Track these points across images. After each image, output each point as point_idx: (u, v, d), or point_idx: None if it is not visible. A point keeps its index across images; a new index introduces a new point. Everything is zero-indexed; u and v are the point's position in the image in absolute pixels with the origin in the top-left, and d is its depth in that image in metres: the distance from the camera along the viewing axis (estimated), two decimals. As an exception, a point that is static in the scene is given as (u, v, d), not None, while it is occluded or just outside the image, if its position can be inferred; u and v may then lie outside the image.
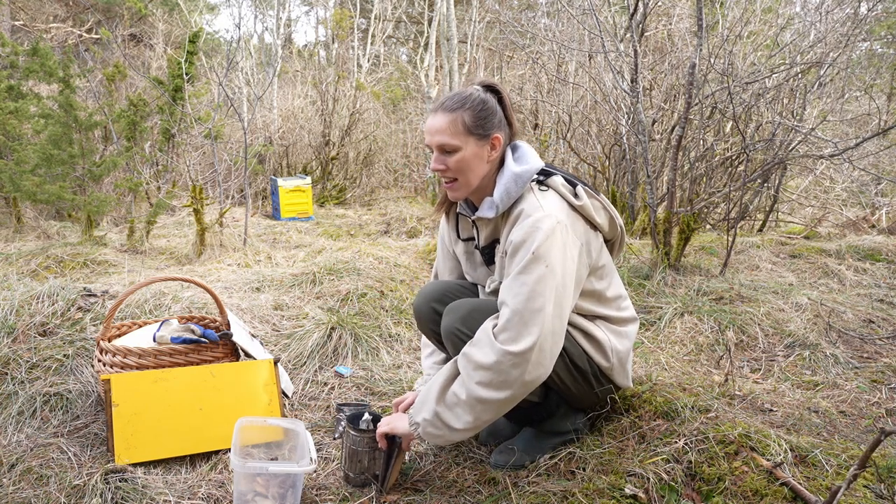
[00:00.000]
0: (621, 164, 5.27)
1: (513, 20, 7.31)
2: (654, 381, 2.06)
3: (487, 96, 1.69)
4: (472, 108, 1.66)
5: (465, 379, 1.57)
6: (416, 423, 1.64)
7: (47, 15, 13.43)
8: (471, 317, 1.69)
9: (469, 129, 1.65)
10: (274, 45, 9.19)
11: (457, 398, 1.58)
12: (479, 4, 9.36)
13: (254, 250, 4.55)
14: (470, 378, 1.56)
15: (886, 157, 5.87)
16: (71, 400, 2.12)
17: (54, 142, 4.49)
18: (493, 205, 1.69)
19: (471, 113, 1.65)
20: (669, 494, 1.56)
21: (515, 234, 1.60)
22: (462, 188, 1.70)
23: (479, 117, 1.66)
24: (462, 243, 1.91)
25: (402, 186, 8.85)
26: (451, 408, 1.59)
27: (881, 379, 2.43)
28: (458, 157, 1.66)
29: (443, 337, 1.75)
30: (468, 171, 1.68)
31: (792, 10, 5.69)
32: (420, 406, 1.65)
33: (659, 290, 3.34)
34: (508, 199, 1.67)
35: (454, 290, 1.91)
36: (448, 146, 1.65)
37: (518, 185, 1.66)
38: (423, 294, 1.93)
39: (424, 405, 1.63)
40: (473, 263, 1.90)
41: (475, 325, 1.66)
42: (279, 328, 2.84)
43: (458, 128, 1.65)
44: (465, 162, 1.66)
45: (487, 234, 1.77)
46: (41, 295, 2.60)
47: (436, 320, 1.88)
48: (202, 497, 1.69)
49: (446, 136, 1.65)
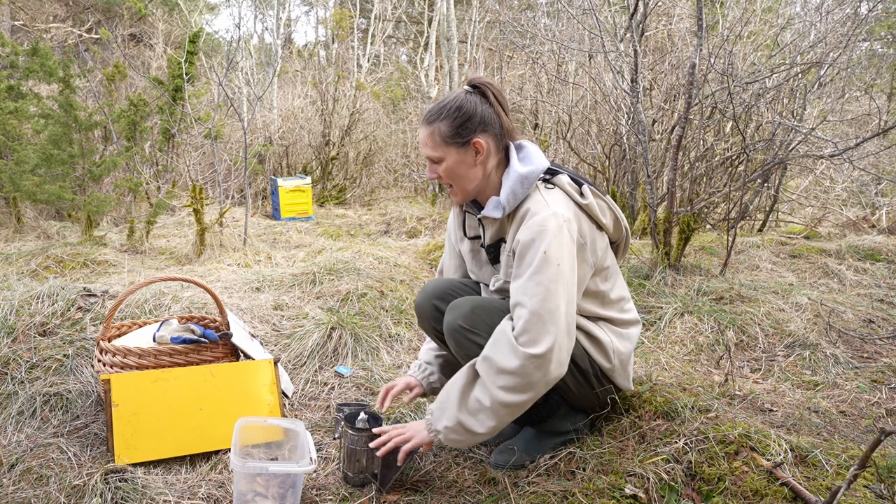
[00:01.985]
0: (621, 164, 5.27)
1: (513, 20, 7.31)
2: (654, 381, 2.06)
3: (468, 99, 1.67)
4: (448, 116, 1.66)
5: (488, 385, 1.57)
6: (436, 430, 1.63)
7: (47, 15, 13.43)
8: (474, 314, 1.69)
9: (445, 140, 1.66)
10: (274, 45, 9.19)
11: (480, 404, 1.58)
12: (479, 4, 9.36)
13: (254, 250, 4.55)
14: (493, 383, 1.56)
15: (886, 157, 5.87)
16: (71, 400, 2.12)
17: (54, 142, 4.49)
18: (500, 205, 1.69)
19: (447, 122, 1.66)
20: (669, 494, 1.56)
21: (523, 234, 1.60)
22: (460, 193, 1.74)
23: (455, 125, 1.66)
24: (468, 241, 1.92)
25: (402, 186, 8.85)
26: (475, 414, 1.59)
27: (881, 379, 2.43)
28: (444, 166, 1.69)
29: (445, 334, 1.75)
30: (458, 178, 1.70)
31: (792, 10, 5.70)
32: (439, 414, 1.64)
33: (659, 290, 3.34)
34: (515, 200, 1.67)
35: (457, 287, 1.91)
36: (432, 157, 1.69)
37: (524, 186, 1.66)
38: (425, 291, 1.93)
39: (444, 413, 1.63)
40: (479, 262, 1.90)
41: (478, 323, 1.67)
42: (279, 328, 2.84)
43: (435, 140, 1.67)
44: (451, 170, 1.69)
45: (493, 233, 1.78)
46: (41, 295, 2.60)
47: (437, 317, 1.88)
48: (202, 497, 1.69)
49: (428, 148, 1.69)
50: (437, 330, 1.90)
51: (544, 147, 6.34)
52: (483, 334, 1.67)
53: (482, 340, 1.66)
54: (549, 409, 1.81)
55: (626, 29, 4.80)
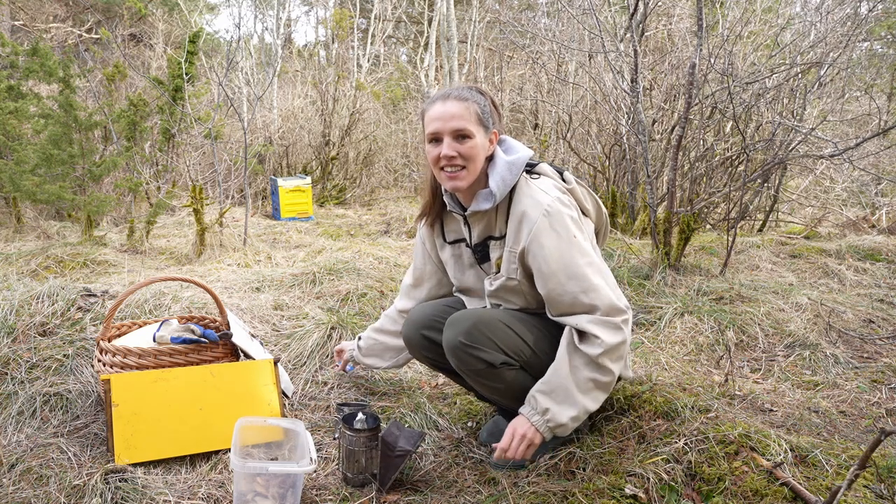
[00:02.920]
0: (621, 164, 5.27)
1: (513, 20, 7.31)
2: (654, 381, 2.06)
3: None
4: (478, 101, 1.70)
5: (599, 363, 1.61)
6: (562, 424, 1.64)
7: (47, 15, 13.43)
8: (475, 329, 1.67)
9: (479, 119, 1.69)
10: (274, 45, 9.19)
11: (594, 383, 1.63)
12: (479, 4, 9.36)
13: (254, 250, 4.55)
14: (606, 360, 1.61)
15: (886, 157, 5.87)
16: (71, 400, 2.12)
17: (54, 142, 4.49)
18: (490, 195, 1.70)
19: (478, 105, 1.69)
20: (669, 494, 1.56)
21: (534, 228, 1.63)
22: (468, 177, 1.70)
23: (484, 111, 1.70)
24: (449, 247, 1.90)
25: (402, 186, 8.85)
26: (588, 392, 1.64)
27: (881, 379, 2.43)
28: (471, 143, 1.67)
29: (446, 351, 1.72)
30: (476, 160, 1.69)
31: (792, 10, 5.70)
32: (557, 407, 1.63)
33: (659, 290, 3.34)
34: (505, 187, 1.68)
35: (442, 313, 1.87)
36: (465, 131, 1.67)
37: (512, 172, 1.68)
38: (412, 322, 1.91)
39: (564, 403, 1.63)
40: (461, 266, 1.89)
41: (480, 337, 1.65)
42: (279, 328, 2.84)
43: (471, 115, 1.67)
44: (476, 150, 1.68)
45: (481, 230, 1.78)
46: (41, 295, 2.60)
47: (426, 346, 1.87)
48: (202, 497, 1.69)
49: (464, 121, 1.66)
50: (429, 358, 1.90)
51: (544, 147, 6.34)
52: (485, 348, 1.66)
53: (485, 355, 1.66)
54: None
55: (626, 29, 4.80)
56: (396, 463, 1.69)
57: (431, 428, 2.06)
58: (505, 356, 1.68)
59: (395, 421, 1.85)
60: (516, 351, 1.70)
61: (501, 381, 1.71)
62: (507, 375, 1.70)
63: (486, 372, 1.69)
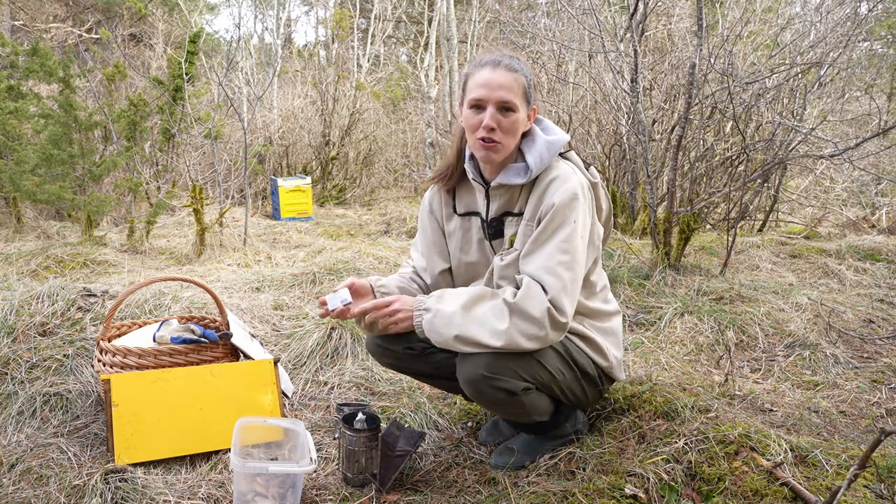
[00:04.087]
0: (621, 164, 5.27)
1: (513, 20, 7.32)
2: (654, 381, 2.06)
3: None
4: (526, 74, 1.63)
5: (507, 318, 1.54)
6: (425, 308, 1.57)
7: (47, 15, 13.43)
8: (496, 359, 1.57)
9: (524, 93, 1.62)
10: (274, 45, 9.20)
11: (488, 321, 1.54)
12: (479, 4, 9.36)
13: (254, 250, 4.55)
14: (514, 325, 1.53)
15: (886, 157, 5.87)
16: (71, 400, 2.12)
17: (54, 142, 4.49)
18: (525, 170, 1.64)
19: (525, 78, 1.62)
20: (669, 494, 1.56)
21: (557, 197, 1.57)
22: (503, 151, 1.63)
23: (530, 85, 1.64)
24: (458, 218, 1.81)
25: (402, 186, 8.85)
26: (477, 322, 1.54)
27: (881, 379, 2.43)
28: (514, 118, 1.60)
29: (464, 384, 1.62)
30: (515, 135, 1.63)
31: (792, 10, 5.70)
32: (435, 300, 1.58)
33: (659, 290, 3.33)
34: (542, 165, 1.63)
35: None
36: (510, 104, 1.58)
37: (550, 152, 1.64)
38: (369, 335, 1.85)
39: (443, 300, 1.57)
40: (468, 240, 1.79)
41: (501, 368, 1.56)
42: (279, 328, 2.84)
43: (518, 88, 1.60)
44: (517, 124, 1.62)
45: (500, 205, 1.71)
46: (41, 295, 2.60)
47: (385, 352, 1.82)
48: (202, 497, 1.69)
49: (511, 93, 1.59)
50: (392, 365, 1.86)
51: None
52: (507, 378, 1.57)
53: (507, 384, 1.57)
54: (556, 420, 1.81)
55: (626, 29, 4.80)
56: (396, 463, 1.69)
57: (431, 428, 2.06)
58: (525, 382, 1.61)
59: (395, 421, 1.85)
60: (533, 374, 1.62)
61: (520, 406, 1.65)
62: (526, 399, 1.64)
63: (505, 400, 1.62)
